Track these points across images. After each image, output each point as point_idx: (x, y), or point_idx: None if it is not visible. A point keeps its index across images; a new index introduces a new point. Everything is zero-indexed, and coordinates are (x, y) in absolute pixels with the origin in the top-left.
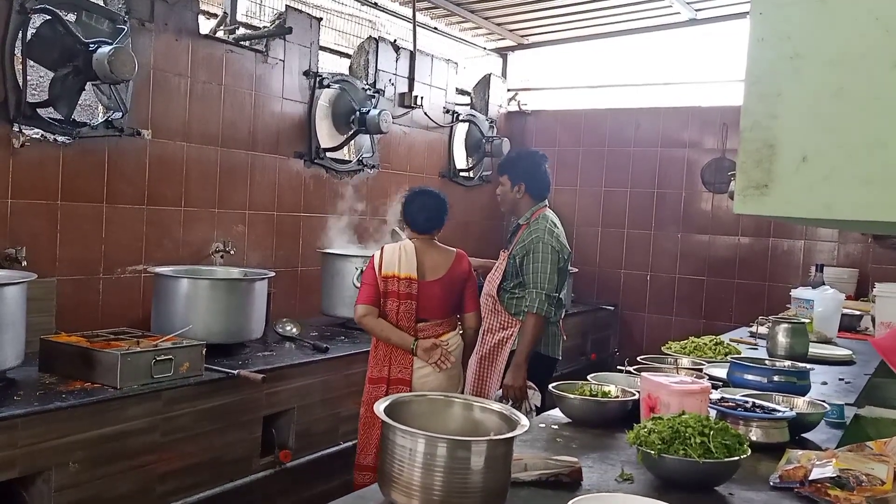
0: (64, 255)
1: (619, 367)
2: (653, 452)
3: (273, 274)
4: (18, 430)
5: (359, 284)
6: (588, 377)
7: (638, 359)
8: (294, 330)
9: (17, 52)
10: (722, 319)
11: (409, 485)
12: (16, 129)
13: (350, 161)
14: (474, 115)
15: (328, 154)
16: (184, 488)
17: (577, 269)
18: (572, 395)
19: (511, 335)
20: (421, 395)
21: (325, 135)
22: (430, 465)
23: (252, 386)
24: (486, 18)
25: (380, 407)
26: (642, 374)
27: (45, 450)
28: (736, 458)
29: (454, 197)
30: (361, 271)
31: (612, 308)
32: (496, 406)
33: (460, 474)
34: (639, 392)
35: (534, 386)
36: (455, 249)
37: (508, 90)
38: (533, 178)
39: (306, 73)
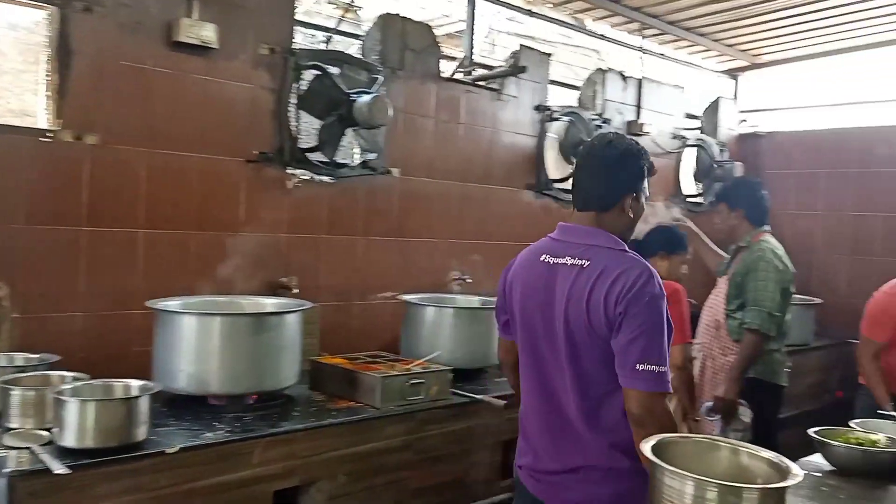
0: (326, 283)
1: (880, 412)
2: None
3: None
4: (299, 443)
5: None
6: (851, 423)
7: None
8: None
9: (291, 104)
10: None
11: None
12: (289, 171)
13: None
14: (703, 140)
15: (555, 185)
16: None
17: (821, 300)
18: (836, 443)
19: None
20: (686, 437)
21: (552, 166)
22: None
23: (493, 411)
24: (715, 41)
25: (646, 447)
26: None
27: (319, 462)
28: None
29: None
30: None
31: None
32: (766, 453)
33: None
34: None
35: (745, 403)
36: None
37: (740, 112)
38: (750, 203)
39: (538, 108)
